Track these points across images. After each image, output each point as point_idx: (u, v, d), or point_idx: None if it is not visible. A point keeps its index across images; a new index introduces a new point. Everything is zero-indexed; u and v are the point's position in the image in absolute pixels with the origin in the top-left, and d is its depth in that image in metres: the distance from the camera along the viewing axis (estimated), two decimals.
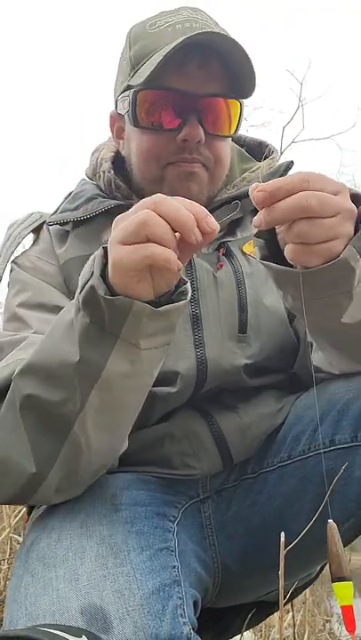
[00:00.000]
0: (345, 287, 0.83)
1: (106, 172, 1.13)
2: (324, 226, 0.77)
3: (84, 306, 0.79)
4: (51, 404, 0.83)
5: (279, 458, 1.03)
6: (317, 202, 0.75)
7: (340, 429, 0.96)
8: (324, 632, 2.37)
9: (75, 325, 0.81)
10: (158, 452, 1.03)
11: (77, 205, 1.11)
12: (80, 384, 0.81)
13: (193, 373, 1.01)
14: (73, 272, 1.04)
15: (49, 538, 0.89)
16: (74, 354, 0.80)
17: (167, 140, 1.03)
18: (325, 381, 1.02)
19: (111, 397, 0.83)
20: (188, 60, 1.01)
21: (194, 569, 0.96)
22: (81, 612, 0.77)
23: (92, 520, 0.90)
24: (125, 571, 0.82)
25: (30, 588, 0.83)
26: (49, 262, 1.10)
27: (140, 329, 0.78)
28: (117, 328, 0.78)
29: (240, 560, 1.05)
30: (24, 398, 0.84)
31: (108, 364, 0.80)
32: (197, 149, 1.03)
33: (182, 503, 1.03)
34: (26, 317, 1.02)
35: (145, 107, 1.04)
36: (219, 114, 1.04)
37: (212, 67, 1.02)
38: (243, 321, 1.05)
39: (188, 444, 1.03)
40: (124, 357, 0.80)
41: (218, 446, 1.03)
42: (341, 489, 0.93)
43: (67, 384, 0.82)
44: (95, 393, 0.82)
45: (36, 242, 1.15)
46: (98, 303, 0.77)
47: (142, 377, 0.85)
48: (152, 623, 0.76)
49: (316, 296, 0.83)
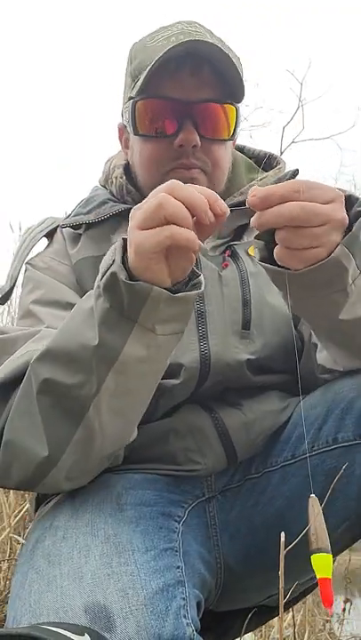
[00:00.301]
0: (339, 286, 0.85)
1: (118, 178, 1.18)
2: (309, 235, 0.80)
3: (105, 291, 0.83)
4: (68, 387, 0.86)
5: (283, 457, 1.04)
6: (304, 213, 0.78)
7: (343, 427, 0.97)
8: (324, 632, 2.38)
9: (95, 311, 0.84)
10: (163, 448, 1.04)
11: (90, 209, 1.16)
12: (97, 367, 0.84)
13: (196, 366, 1.03)
14: (84, 271, 1.09)
15: (54, 535, 0.90)
16: (93, 338, 0.84)
17: (165, 146, 1.08)
18: (329, 381, 1.04)
19: (126, 381, 0.86)
20: (180, 69, 1.06)
21: (198, 570, 0.97)
22: (84, 610, 0.77)
23: (97, 519, 0.91)
24: (129, 570, 0.82)
25: (34, 584, 0.84)
26: (62, 262, 1.14)
27: (157, 314, 0.82)
28: (135, 313, 0.81)
29: (242, 561, 1.05)
30: (42, 382, 0.87)
31: (125, 348, 0.83)
32: (194, 154, 1.07)
33: (189, 503, 1.04)
34: (39, 314, 1.05)
35: (143, 115, 1.09)
36: (213, 118, 1.08)
37: (203, 74, 1.06)
38: (246, 317, 1.07)
39: (192, 439, 1.04)
40: (141, 342, 0.83)
41: (222, 442, 1.04)
42: (343, 487, 0.94)
43: (84, 367, 0.85)
44: (111, 376, 0.85)
45: (49, 244, 1.20)
46: (118, 288, 0.81)
47: (156, 362, 0.88)
48: (155, 623, 0.77)
49: (311, 295, 0.86)
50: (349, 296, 0.86)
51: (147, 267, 0.80)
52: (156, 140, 1.09)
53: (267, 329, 1.07)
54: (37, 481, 0.90)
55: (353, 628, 2.49)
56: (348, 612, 2.43)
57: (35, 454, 0.87)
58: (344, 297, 0.86)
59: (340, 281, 0.84)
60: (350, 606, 2.45)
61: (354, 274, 0.85)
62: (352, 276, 0.85)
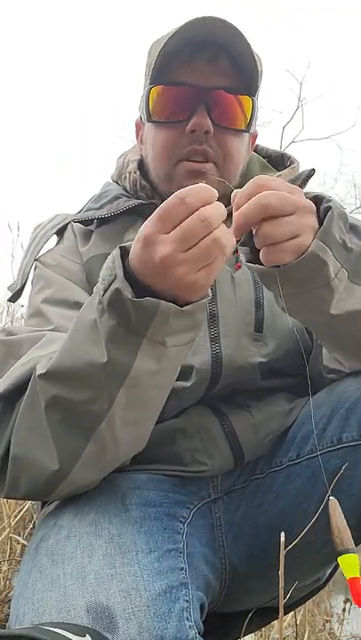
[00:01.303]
0: (322, 280, 0.86)
1: (132, 173, 1.17)
2: (287, 223, 0.81)
3: (110, 308, 0.80)
4: (77, 403, 0.84)
5: (288, 457, 1.04)
6: (276, 199, 0.79)
7: (347, 427, 0.97)
8: (324, 632, 2.38)
9: (99, 327, 0.82)
10: (170, 449, 1.03)
11: (102, 205, 1.15)
12: (108, 384, 0.83)
13: (208, 368, 1.02)
14: (95, 269, 1.07)
15: (58, 534, 0.90)
16: (100, 355, 0.81)
17: (178, 133, 1.07)
18: (335, 381, 1.04)
19: (138, 394, 0.85)
20: (197, 56, 1.05)
21: (202, 572, 0.96)
22: (87, 610, 0.77)
23: (101, 519, 0.90)
24: (133, 571, 0.82)
25: (38, 583, 0.84)
26: (72, 260, 1.13)
27: (167, 328, 0.80)
28: (143, 328, 0.79)
29: (247, 561, 1.05)
30: (50, 399, 0.86)
31: (136, 363, 0.81)
32: (207, 141, 1.06)
33: (194, 504, 1.03)
34: (48, 313, 1.04)
35: (156, 101, 1.08)
36: (227, 107, 1.07)
37: (220, 62, 1.05)
38: (259, 319, 1.06)
39: (199, 439, 1.04)
40: (151, 356, 0.82)
41: (230, 443, 1.04)
42: (347, 488, 0.94)
43: (94, 384, 0.83)
44: (123, 392, 0.83)
45: (60, 241, 1.18)
46: (124, 305, 0.78)
47: (168, 373, 0.87)
48: (158, 625, 0.76)
49: (297, 292, 0.86)
50: (334, 291, 0.87)
51: (162, 290, 0.78)
52: (168, 125, 1.08)
53: (279, 331, 1.07)
54: (49, 491, 0.90)
55: (353, 628, 2.49)
56: (348, 612, 2.43)
57: (45, 468, 0.86)
58: (329, 292, 0.87)
59: (322, 275, 0.85)
60: (350, 606, 2.45)
61: (335, 268, 0.86)
62: (334, 271, 0.86)
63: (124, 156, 1.24)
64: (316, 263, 0.84)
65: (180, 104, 1.06)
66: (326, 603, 2.82)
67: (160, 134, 1.09)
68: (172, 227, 0.75)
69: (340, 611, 2.45)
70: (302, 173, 1.15)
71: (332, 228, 0.85)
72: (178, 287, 0.78)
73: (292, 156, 1.23)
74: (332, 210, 0.85)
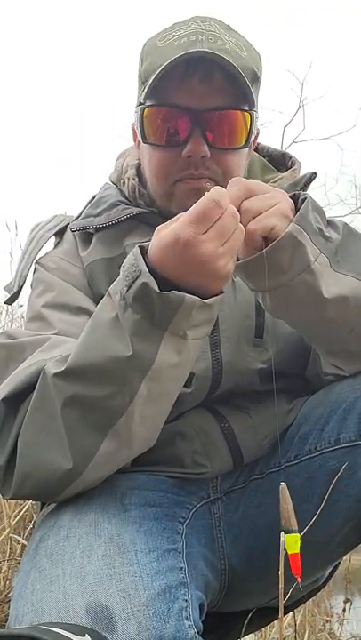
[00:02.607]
0: (302, 263, 0.89)
1: (130, 179, 1.15)
2: (264, 197, 0.89)
3: (134, 302, 0.83)
4: (98, 400, 0.86)
5: (286, 458, 1.04)
6: (254, 183, 0.91)
7: (345, 428, 0.97)
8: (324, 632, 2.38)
9: (122, 323, 0.85)
10: (169, 451, 1.03)
11: (100, 211, 1.13)
12: (130, 377, 0.85)
13: (208, 375, 1.03)
14: (96, 274, 1.07)
15: (57, 534, 0.90)
16: (125, 349, 0.84)
17: (174, 156, 1.04)
18: (332, 382, 1.04)
19: (158, 388, 0.87)
20: (190, 75, 1.01)
21: (201, 571, 0.96)
22: (86, 610, 0.77)
23: (101, 519, 0.90)
24: (132, 571, 0.82)
25: (37, 584, 0.84)
26: (73, 264, 1.12)
27: (189, 321, 0.83)
28: (166, 321, 0.83)
29: (246, 562, 1.05)
30: (68, 398, 0.87)
31: (159, 356, 0.84)
32: (203, 164, 1.03)
33: (193, 504, 1.03)
34: (49, 317, 1.04)
35: (150, 123, 1.05)
36: (223, 127, 1.04)
37: (213, 80, 1.02)
38: (259, 325, 1.06)
39: (199, 442, 1.04)
40: (173, 349, 0.85)
41: (229, 445, 1.05)
42: (345, 489, 0.94)
43: (117, 379, 0.85)
44: (145, 385, 0.86)
45: (59, 243, 1.17)
46: (150, 299, 0.82)
47: (186, 367, 0.90)
48: (157, 624, 0.76)
49: (282, 280, 0.89)
50: (316, 275, 0.90)
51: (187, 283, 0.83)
52: (164, 148, 1.05)
53: (280, 336, 1.07)
54: (57, 493, 0.90)
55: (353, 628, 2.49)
56: (348, 612, 2.43)
57: (57, 468, 0.87)
58: (312, 277, 0.89)
59: (301, 257, 0.88)
60: (350, 606, 2.45)
61: (313, 252, 0.90)
62: (313, 254, 0.89)
63: (123, 157, 1.22)
64: (294, 244, 0.87)
65: (175, 127, 1.03)
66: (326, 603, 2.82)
67: (155, 156, 1.07)
68: (209, 227, 0.81)
69: (340, 611, 2.45)
70: (303, 177, 1.14)
71: (308, 214, 0.90)
72: (215, 279, 0.85)
73: (293, 156, 1.21)
74: (307, 200, 0.91)
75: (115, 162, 1.23)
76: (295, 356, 1.08)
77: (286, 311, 0.95)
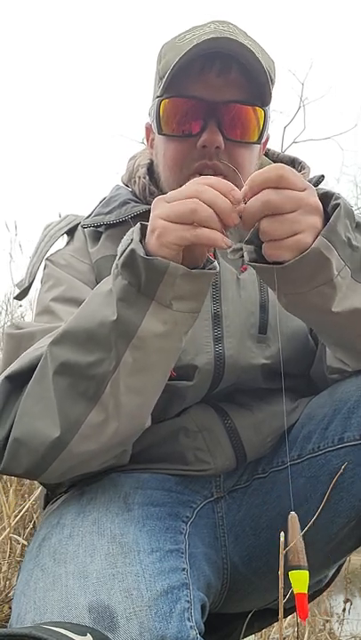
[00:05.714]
0: (324, 277, 0.85)
1: (141, 178, 1.17)
2: (287, 221, 0.82)
3: (123, 267, 0.85)
4: (86, 366, 0.87)
5: (289, 457, 1.04)
6: (277, 196, 0.81)
7: (349, 427, 0.97)
8: (324, 632, 2.38)
9: (113, 290, 0.87)
10: (172, 447, 1.04)
11: (111, 209, 1.15)
12: (116, 343, 0.86)
13: (210, 368, 1.03)
14: (104, 269, 1.09)
15: (61, 533, 0.90)
16: (111, 314, 0.86)
17: (189, 146, 1.06)
18: (337, 382, 1.04)
19: (144, 358, 0.87)
20: (208, 69, 1.03)
21: (203, 572, 0.97)
22: (88, 610, 0.77)
23: (104, 518, 0.91)
24: (134, 570, 0.82)
25: (40, 582, 0.84)
26: (82, 261, 1.14)
27: (174, 289, 0.83)
28: (153, 289, 0.83)
29: (248, 561, 1.05)
30: (59, 364, 0.88)
31: (143, 323, 0.85)
32: (217, 155, 1.05)
33: (197, 503, 1.04)
34: (57, 311, 1.05)
35: (167, 114, 1.07)
36: (238, 120, 1.06)
37: (230, 74, 1.04)
38: (263, 321, 1.07)
39: (202, 439, 1.04)
40: (158, 318, 0.85)
41: (232, 442, 1.05)
42: (348, 487, 0.94)
43: (103, 343, 0.86)
44: (129, 352, 0.86)
45: (70, 241, 1.20)
46: (136, 264, 0.83)
47: (173, 339, 0.89)
48: (159, 625, 0.77)
49: (299, 290, 0.86)
50: (337, 289, 0.86)
51: (165, 254, 0.83)
52: (179, 139, 1.07)
53: (283, 333, 1.07)
54: (47, 465, 0.89)
55: (353, 628, 2.49)
56: (348, 612, 2.43)
57: (46, 435, 0.87)
58: (332, 289, 0.86)
59: (325, 273, 0.84)
60: (350, 606, 2.45)
61: (338, 266, 0.85)
62: (337, 268, 0.85)
63: (134, 158, 1.24)
64: (319, 260, 0.83)
65: (191, 118, 1.05)
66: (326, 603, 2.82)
67: (171, 147, 1.08)
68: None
69: (340, 611, 2.45)
70: (310, 180, 1.15)
71: (338, 225, 0.85)
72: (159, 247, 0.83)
73: (303, 161, 1.22)
74: (339, 207, 0.85)
75: (127, 163, 1.25)
76: (299, 355, 1.08)
77: (298, 311, 0.95)
